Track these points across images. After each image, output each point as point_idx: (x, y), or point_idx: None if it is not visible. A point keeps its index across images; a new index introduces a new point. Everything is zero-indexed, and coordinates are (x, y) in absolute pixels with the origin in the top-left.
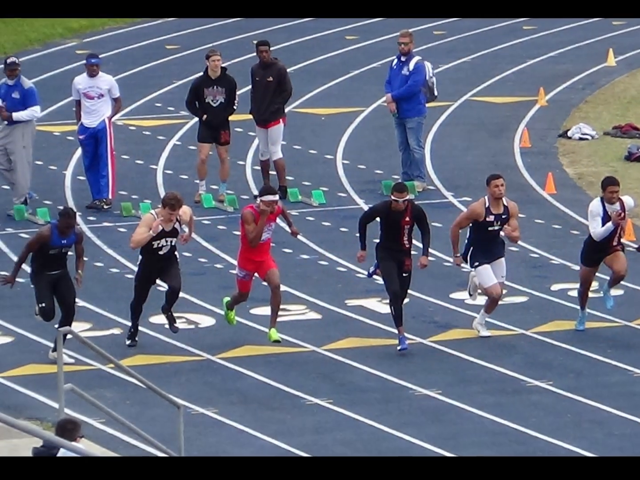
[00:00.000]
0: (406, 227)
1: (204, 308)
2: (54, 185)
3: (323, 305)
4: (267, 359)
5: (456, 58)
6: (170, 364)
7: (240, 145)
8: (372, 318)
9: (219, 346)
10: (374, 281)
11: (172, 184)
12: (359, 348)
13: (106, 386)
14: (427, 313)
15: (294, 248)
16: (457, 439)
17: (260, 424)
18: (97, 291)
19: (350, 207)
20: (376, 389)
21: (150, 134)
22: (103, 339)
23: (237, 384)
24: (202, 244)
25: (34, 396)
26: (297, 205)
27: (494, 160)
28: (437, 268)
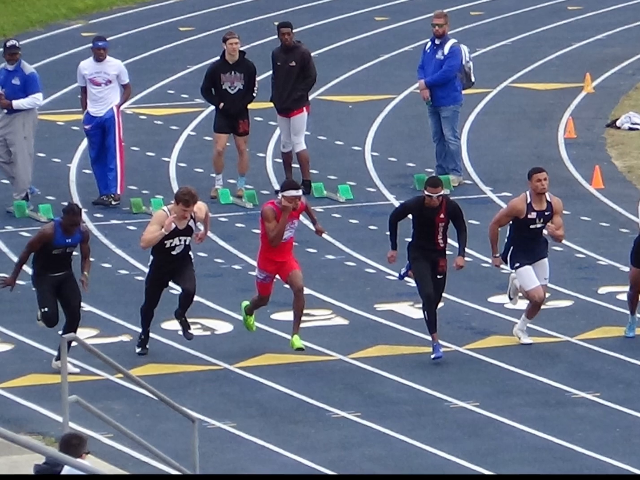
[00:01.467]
0: (441, 225)
1: (221, 313)
2: (58, 180)
3: (350, 309)
4: (290, 369)
5: (495, 41)
6: (184, 373)
7: (260, 135)
8: (404, 324)
9: (237, 354)
10: (405, 284)
11: (186, 178)
12: (389, 356)
13: (114, 398)
14: (463, 318)
15: (318, 248)
16: (495, 455)
17: (282, 438)
18: (104, 294)
19: (380, 203)
20: (408, 401)
21: (162, 123)
22: (111, 347)
23: (256, 396)
24: (219, 244)
25: (36, 409)
26: (322, 201)
27: (536, 152)
28: (474, 269)
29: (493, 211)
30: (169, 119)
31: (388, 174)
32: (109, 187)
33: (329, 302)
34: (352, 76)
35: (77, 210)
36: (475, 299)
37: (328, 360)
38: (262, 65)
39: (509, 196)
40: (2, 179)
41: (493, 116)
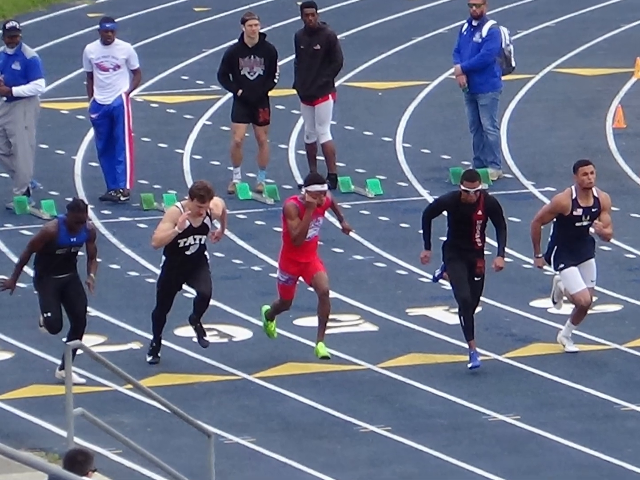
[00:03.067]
0: (478, 222)
1: (239, 318)
2: (62, 173)
3: (380, 314)
4: (314, 379)
5: (538, 22)
6: (199, 384)
7: (282, 125)
8: (438, 330)
9: (257, 363)
10: (440, 286)
11: (202, 172)
12: (422, 366)
13: (123, 411)
14: (503, 324)
15: (345, 247)
16: (538, 473)
17: (306, 455)
18: (112, 298)
19: (412, 199)
20: (443, 414)
21: (175, 112)
22: (120, 355)
23: (278, 408)
24: (237, 243)
25: (38, 422)
26: (349, 197)
27: (582, 143)
28: (514, 271)
29: (535, 207)
30: (182, 107)
31: (421, 167)
32: (118, 181)
33: (357, 307)
34: (381, 61)
35: (83, 207)
36: (516, 303)
37: (356, 370)
38: (284, 49)
39: (552, 191)
40: (1, 173)
41: (535, 104)
